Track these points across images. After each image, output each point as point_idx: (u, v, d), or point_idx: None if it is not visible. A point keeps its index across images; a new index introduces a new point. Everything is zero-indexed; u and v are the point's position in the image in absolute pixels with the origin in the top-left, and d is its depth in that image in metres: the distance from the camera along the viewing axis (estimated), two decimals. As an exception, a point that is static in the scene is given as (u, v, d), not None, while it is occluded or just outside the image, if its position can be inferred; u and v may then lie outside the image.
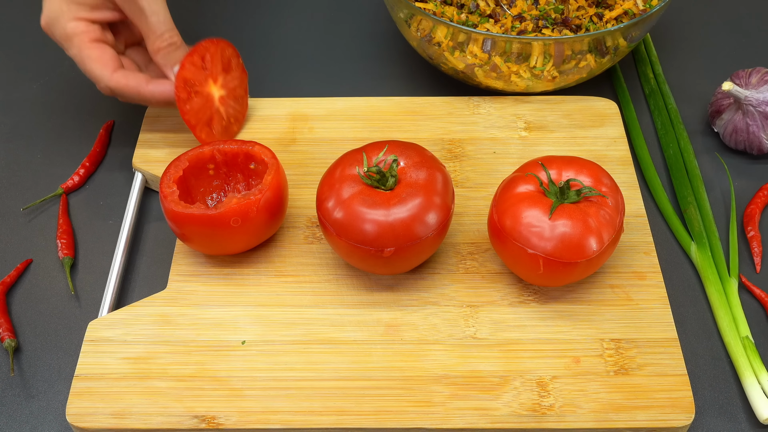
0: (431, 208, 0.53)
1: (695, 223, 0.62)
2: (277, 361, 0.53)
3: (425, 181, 0.54)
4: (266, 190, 0.55)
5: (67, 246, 0.62)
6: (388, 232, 0.52)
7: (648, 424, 0.50)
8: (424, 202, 0.53)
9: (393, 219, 0.52)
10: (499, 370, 0.53)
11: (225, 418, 0.51)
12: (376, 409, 0.51)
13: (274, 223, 0.57)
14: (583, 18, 0.68)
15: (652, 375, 0.52)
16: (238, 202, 0.54)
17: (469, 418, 0.51)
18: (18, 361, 0.56)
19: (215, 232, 0.55)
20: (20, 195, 0.66)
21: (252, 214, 0.55)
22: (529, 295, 0.57)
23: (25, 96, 0.74)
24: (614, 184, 0.55)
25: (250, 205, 0.55)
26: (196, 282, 0.58)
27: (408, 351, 0.54)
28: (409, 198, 0.53)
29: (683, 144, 0.68)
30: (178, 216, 0.54)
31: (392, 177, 0.54)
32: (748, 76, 0.67)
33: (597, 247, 0.52)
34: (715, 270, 0.59)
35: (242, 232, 0.55)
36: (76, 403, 0.51)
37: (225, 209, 0.54)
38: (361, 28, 0.81)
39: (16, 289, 0.60)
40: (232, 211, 0.54)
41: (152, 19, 0.61)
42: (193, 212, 0.54)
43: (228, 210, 0.54)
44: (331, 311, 0.56)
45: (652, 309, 0.56)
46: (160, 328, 0.55)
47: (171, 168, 0.57)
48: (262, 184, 0.56)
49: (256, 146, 0.58)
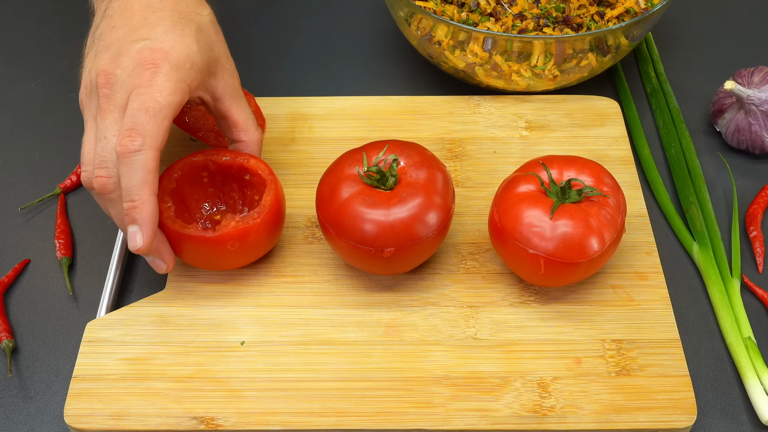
0: (431, 207, 0.53)
1: (697, 223, 0.62)
2: (277, 361, 0.53)
3: (425, 181, 0.53)
4: (265, 213, 0.54)
5: (65, 246, 0.61)
6: (388, 232, 0.52)
7: (650, 425, 0.50)
8: (425, 202, 0.53)
9: (393, 219, 0.52)
10: (500, 371, 0.52)
11: (224, 419, 0.50)
12: (376, 410, 0.51)
13: (271, 241, 0.57)
14: (584, 16, 0.68)
15: (653, 376, 0.52)
16: (236, 226, 0.53)
17: (469, 420, 0.50)
18: (15, 362, 0.56)
19: (211, 253, 0.54)
20: (18, 195, 0.66)
21: (251, 237, 0.54)
22: (530, 296, 0.56)
23: (22, 95, 0.74)
24: (615, 183, 0.55)
25: (249, 230, 0.53)
26: (194, 282, 0.57)
27: (408, 352, 0.53)
28: (410, 198, 0.52)
29: (685, 143, 0.68)
30: (174, 234, 0.53)
31: (392, 177, 0.53)
32: (751, 75, 0.67)
33: (598, 247, 0.52)
34: (717, 270, 0.59)
35: (239, 254, 0.55)
36: (74, 404, 0.51)
37: (222, 233, 0.53)
38: (361, 27, 0.81)
39: (14, 289, 0.60)
40: (229, 236, 0.53)
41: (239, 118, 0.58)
42: (190, 233, 0.53)
43: (225, 234, 0.53)
44: (331, 312, 0.56)
45: (654, 309, 0.55)
46: (159, 328, 0.55)
47: (164, 179, 0.56)
48: (261, 206, 0.54)
49: (252, 160, 0.57)
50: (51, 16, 0.82)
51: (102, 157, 0.51)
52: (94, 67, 0.53)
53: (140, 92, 0.51)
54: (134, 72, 0.51)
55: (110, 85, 0.52)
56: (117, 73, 0.52)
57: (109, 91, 0.51)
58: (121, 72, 0.52)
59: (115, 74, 0.52)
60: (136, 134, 0.50)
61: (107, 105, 0.51)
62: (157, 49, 0.52)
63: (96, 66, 0.53)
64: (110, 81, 0.52)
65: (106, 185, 0.51)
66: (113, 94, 0.51)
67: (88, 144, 0.52)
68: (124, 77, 0.51)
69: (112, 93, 0.51)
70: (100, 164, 0.51)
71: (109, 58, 0.52)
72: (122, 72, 0.52)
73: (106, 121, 0.51)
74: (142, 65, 0.51)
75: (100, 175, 0.51)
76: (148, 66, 0.51)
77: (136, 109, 0.50)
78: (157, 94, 0.51)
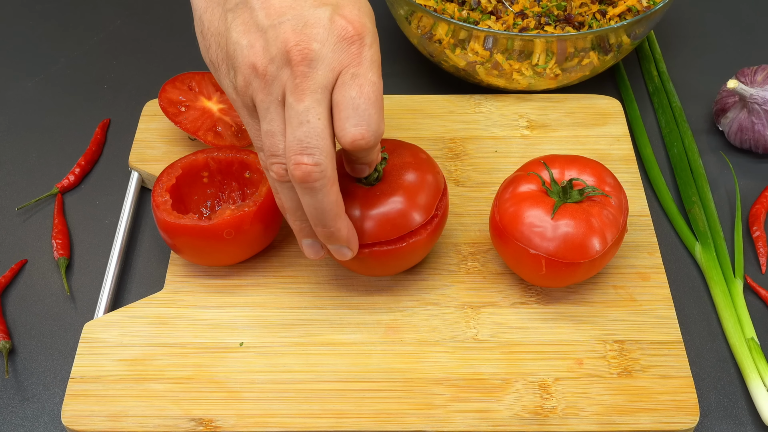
0: (413, 208, 0.52)
1: (700, 223, 0.61)
2: (276, 363, 0.53)
3: (410, 182, 0.52)
4: (261, 202, 0.54)
5: (63, 246, 0.61)
6: (359, 227, 0.51)
7: (652, 427, 0.50)
8: (405, 202, 0.51)
9: (367, 214, 0.51)
10: (501, 372, 0.52)
11: (223, 420, 0.50)
12: (375, 411, 0.51)
13: (268, 235, 0.57)
14: (585, 15, 0.68)
15: (655, 377, 0.52)
16: (231, 214, 0.53)
17: (470, 421, 0.50)
18: (12, 363, 0.56)
19: (207, 244, 0.54)
20: (15, 194, 0.66)
21: (246, 226, 0.54)
22: (531, 296, 0.56)
23: (20, 94, 0.74)
24: (617, 183, 0.54)
25: (244, 217, 0.54)
26: (193, 283, 0.57)
27: (408, 353, 0.53)
28: (388, 196, 0.51)
29: (687, 143, 0.67)
30: (170, 226, 0.53)
31: (376, 172, 0.52)
32: (754, 73, 0.66)
33: (600, 247, 0.52)
34: (719, 270, 0.59)
35: (235, 245, 0.54)
36: (72, 405, 0.51)
37: (218, 221, 0.53)
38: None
39: (11, 290, 0.60)
40: (225, 223, 0.53)
41: None
42: (185, 223, 0.53)
43: (221, 222, 0.53)
44: (331, 312, 0.55)
45: (656, 310, 0.55)
46: (157, 329, 0.55)
47: (164, 176, 0.56)
48: (257, 195, 0.55)
49: (251, 155, 0.57)
50: (48, 15, 0.82)
51: (306, 143, 0.44)
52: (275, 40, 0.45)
53: (355, 73, 0.45)
54: (337, 46, 0.45)
55: (308, 62, 0.44)
56: (314, 47, 0.44)
57: (307, 68, 0.44)
58: (318, 46, 0.44)
59: (312, 48, 0.44)
60: (370, 134, 0.45)
61: (305, 84, 0.44)
62: (347, 17, 0.45)
63: (280, 38, 0.45)
64: (308, 56, 0.44)
65: (311, 173, 0.44)
66: (312, 72, 0.44)
67: (272, 132, 0.46)
68: (325, 52, 0.44)
69: (311, 71, 0.44)
70: (303, 150, 0.44)
71: (293, 29, 0.45)
72: (320, 46, 0.44)
73: (306, 102, 0.44)
74: (343, 38, 0.45)
75: (304, 162, 0.44)
76: (353, 39, 0.45)
77: (356, 98, 0.44)
78: (371, 74, 0.45)
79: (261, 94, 0.46)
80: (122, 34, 0.80)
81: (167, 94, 0.64)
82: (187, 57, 0.77)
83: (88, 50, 0.78)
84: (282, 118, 0.46)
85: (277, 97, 0.45)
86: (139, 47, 0.78)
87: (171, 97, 0.64)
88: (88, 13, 0.82)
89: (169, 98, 0.64)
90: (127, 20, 0.81)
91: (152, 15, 0.82)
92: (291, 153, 0.45)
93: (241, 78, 0.46)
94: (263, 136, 0.47)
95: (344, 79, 0.45)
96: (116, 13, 0.82)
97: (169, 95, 0.64)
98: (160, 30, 0.80)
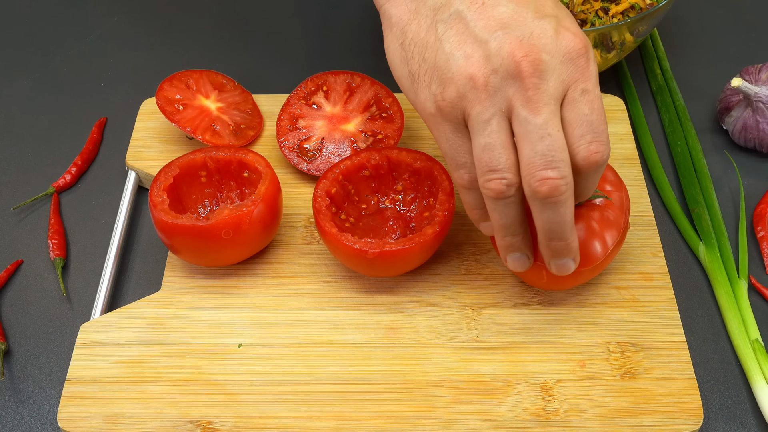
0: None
1: (704, 223, 0.61)
2: (275, 364, 0.52)
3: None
4: (259, 201, 0.54)
5: (59, 246, 0.61)
6: None
7: (655, 429, 0.50)
8: None
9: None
10: (503, 374, 0.52)
11: (221, 423, 0.50)
12: (375, 414, 0.50)
13: (267, 235, 0.56)
14: (588, 12, 0.67)
15: (659, 379, 0.51)
16: (229, 214, 0.53)
17: (471, 424, 0.50)
18: (8, 365, 0.55)
19: (205, 244, 0.53)
20: (10, 194, 0.65)
21: (244, 226, 0.53)
22: (532, 297, 0.56)
23: (15, 93, 0.73)
24: (619, 178, 0.54)
25: (242, 217, 0.53)
26: (191, 283, 0.57)
27: (409, 354, 0.53)
28: None
29: (691, 142, 0.67)
30: (168, 226, 0.53)
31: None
32: (758, 72, 0.66)
33: (601, 252, 0.51)
34: (723, 271, 0.58)
35: (234, 245, 0.54)
36: (68, 407, 0.51)
37: (216, 221, 0.53)
38: (360, 24, 0.80)
39: (6, 290, 0.59)
40: (223, 223, 0.53)
41: None
42: (183, 223, 0.53)
43: (219, 222, 0.53)
44: (330, 313, 0.55)
45: (659, 311, 0.55)
46: (154, 330, 0.54)
47: (161, 175, 0.56)
48: (255, 195, 0.54)
49: (249, 154, 0.57)
50: (44, 13, 0.81)
51: (550, 156, 0.43)
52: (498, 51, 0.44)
53: (585, 89, 0.44)
54: (565, 59, 0.44)
55: (540, 73, 0.43)
56: (544, 59, 0.44)
57: (539, 80, 0.43)
58: (548, 57, 0.44)
59: (543, 59, 0.44)
60: (604, 147, 0.44)
61: (538, 96, 0.43)
62: (570, 29, 0.45)
63: (505, 49, 0.44)
64: (539, 68, 0.43)
65: (559, 187, 0.44)
66: (544, 84, 0.44)
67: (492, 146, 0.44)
68: (554, 64, 0.44)
69: (542, 83, 0.44)
70: (548, 165, 0.43)
71: (519, 40, 0.44)
72: (549, 57, 0.44)
73: (543, 115, 0.43)
74: (571, 51, 0.45)
75: (551, 176, 0.43)
76: (580, 52, 0.45)
77: (589, 114, 0.44)
78: (597, 90, 0.45)
79: (479, 106, 0.44)
80: (119, 32, 0.79)
81: (164, 93, 0.63)
82: (185, 55, 0.76)
83: (85, 48, 0.78)
84: (505, 131, 0.45)
85: (500, 109, 0.44)
86: (136, 45, 0.78)
87: (168, 96, 0.64)
88: (84, 11, 0.82)
89: (167, 97, 0.63)
90: (123, 18, 0.81)
91: (149, 12, 0.81)
92: (534, 169, 0.44)
93: (453, 89, 0.45)
94: (480, 150, 0.45)
95: (574, 95, 0.44)
96: (113, 11, 0.81)
97: (166, 94, 0.64)
98: (158, 28, 0.80)
